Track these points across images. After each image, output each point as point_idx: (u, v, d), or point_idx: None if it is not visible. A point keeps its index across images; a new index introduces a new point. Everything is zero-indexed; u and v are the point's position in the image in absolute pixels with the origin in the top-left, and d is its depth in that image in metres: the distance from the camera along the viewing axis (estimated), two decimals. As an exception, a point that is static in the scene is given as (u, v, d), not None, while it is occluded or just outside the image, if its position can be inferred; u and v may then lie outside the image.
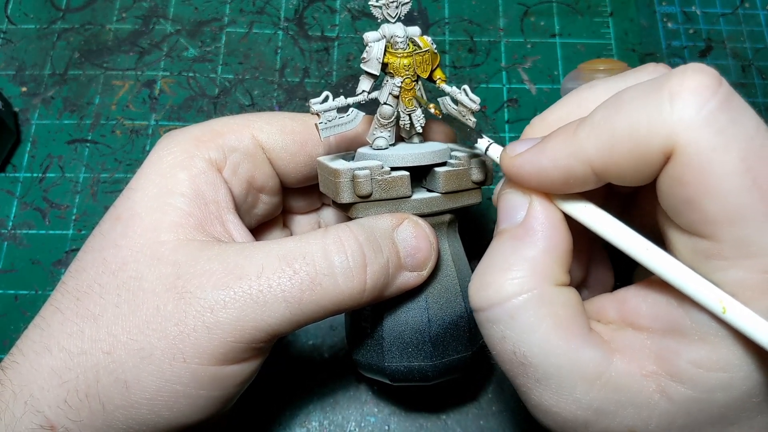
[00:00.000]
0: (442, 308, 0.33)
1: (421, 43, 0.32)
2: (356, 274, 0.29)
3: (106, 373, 0.27)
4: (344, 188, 0.31)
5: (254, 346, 0.28)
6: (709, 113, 0.21)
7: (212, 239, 0.30)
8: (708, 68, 0.22)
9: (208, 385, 0.28)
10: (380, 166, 0.31)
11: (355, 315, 0.34)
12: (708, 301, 0.22)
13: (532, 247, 0.25)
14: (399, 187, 0.31)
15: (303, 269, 0.28)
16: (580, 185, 0.25)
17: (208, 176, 0.31)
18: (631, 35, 0.55)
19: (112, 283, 0.28)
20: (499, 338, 0.25)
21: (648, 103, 0.22)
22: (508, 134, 0.51)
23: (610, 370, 0.24)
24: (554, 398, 0.24)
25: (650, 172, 0.23)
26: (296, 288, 0.28)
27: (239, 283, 0.27)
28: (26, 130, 0.50)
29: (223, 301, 0.27)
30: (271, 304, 0.27)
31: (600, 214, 0.25)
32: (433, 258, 0.31)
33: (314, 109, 0.31)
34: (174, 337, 0.27)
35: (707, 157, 0.21)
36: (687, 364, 0.23)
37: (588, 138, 0.23)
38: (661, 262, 0.23)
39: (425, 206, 0.32)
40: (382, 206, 0.32)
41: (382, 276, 0.30)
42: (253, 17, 0.55)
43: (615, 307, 0.27)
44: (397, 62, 0.32)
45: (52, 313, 0.29)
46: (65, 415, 0.27)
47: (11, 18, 0.55)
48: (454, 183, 0.32)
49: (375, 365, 0.34)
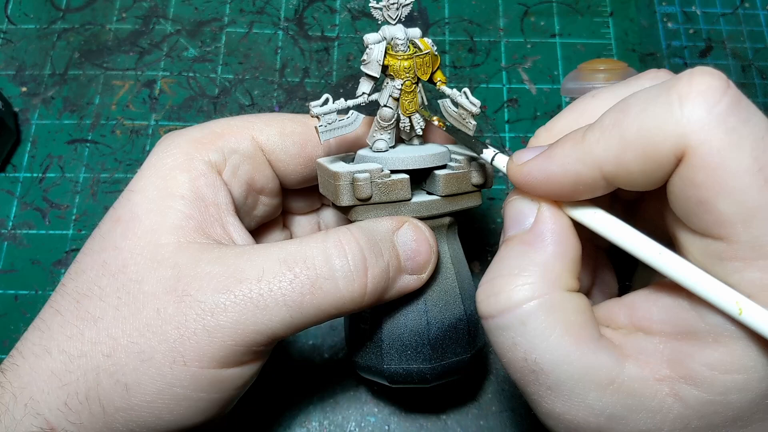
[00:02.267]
0: (441, 311, 0.33)
1: (422, 45, 0.32)
2: (357, 277, 0.29)
3: (106, 376, 0.27)
4: (344, 191, 0.31)
5: (254, 350, 0.28)
6: (719, 114, 0.21)
7: (212, 242, 0.30)
8: (715, 70, 0.22)
9: (208, 388, 0.28)
10: (380, 169, 0.31)
11: (355, 317, 0.34)
12: (724, 303, 0.22)
13: (542, 253, 0.25)
14: (399, 190, 0.31)
15: (304, 273, 0.28)
16: (589, 191, 0.25)
17: (208, 178, 0.31)
18: (631, 35, 0.55)
19: (112, 286, 0.28)
20: (509, 345, 0.25)
21: (657, 106, 0.22)
22: (508, 134, 0.51)
23: (622, 376, 0.24)
24: (566, 405, 0.24)
25: (661, 176, 0.23)
26: (297, 292, 0.28)
27: (240, 287, 0.27)
28: (26, 130, 0.50)
29: (224, 305, 0.27)
30: (272, 307, 0.27)
31: (611, 220, 0.25)
32: (433, 261, 0.31)
33: (314, 112, 0.31)
34: (174, 340, 0.27)
35: (719, 157, 0.21)
36: (701, 366, 0.23)
37: (597, 143, 0.23)
38: (675, 266, 0.23)
39: (425, 209, 0.32)
40: (382, 209, 0.31)
41: (383, 279, 0.30)
42: (253, 17, 0.55)
43: (624, 312, 0.26)
44: (397, 64, 0.32)
45: (52, 315, 0.29)
46: (65, 418, 0.27)
47: (11, 18, 0.55)
48: (454, 186, 0.32)
49: (374, 367, 0.34)
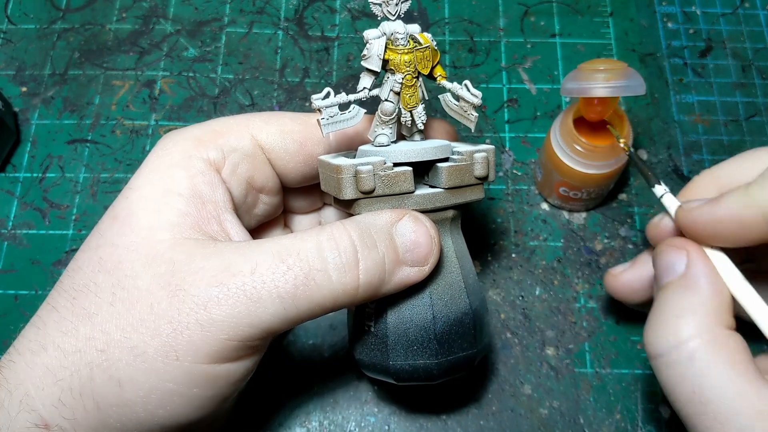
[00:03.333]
0: (446, 305, 0.33)
1: (422, 39, 0.32)
2: (348, 270, 0.29)
3: (100, 372, 0.27)
4: (347, 184, 0.30)
5: (248, 344, 0.28)
6: None
7: (209, 238, 0.30)
8: None
9: (201, 384, 0.28)
10: (383, 162, 0.31)
11: (358, 314, 0.34)
12: None
13: (700, 294, 0.28)
14: (402, 182, 0.31)
15: (297, 265, 0.28)
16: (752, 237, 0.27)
17: (206, 176, 0.31)
18: (631, 35, 0.55)
19: (108, 282, 0.28)
20: (678, 380, 0.27)
21: None
22: (508, 134, 0.51)
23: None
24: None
25: None
26: (290, 284, 0.28)
27: (233, 280, 0.27)
28: (26, 130, 0.50)
29: (217, 298, 0.27)
30: (265, 300, 0.27)
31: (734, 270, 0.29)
32: (435, 253, 0.31)
33: (316, 105, 0.31)
34: (167, 335, 0.27)
35: None
36: None
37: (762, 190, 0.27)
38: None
39: (428, 202, 0.32)
40: (385, 202, 0.31)
41: (377, 272, 0.29)
42: (253, 17, 0.55)
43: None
44: (398, 59, 0.32)
45: (48, 312, 0.29)
46: (59, 414, 0.27)
47: (11, 18, 0.55)
48: (456, 178, 0.32)
49: (379, 364, 0.33)
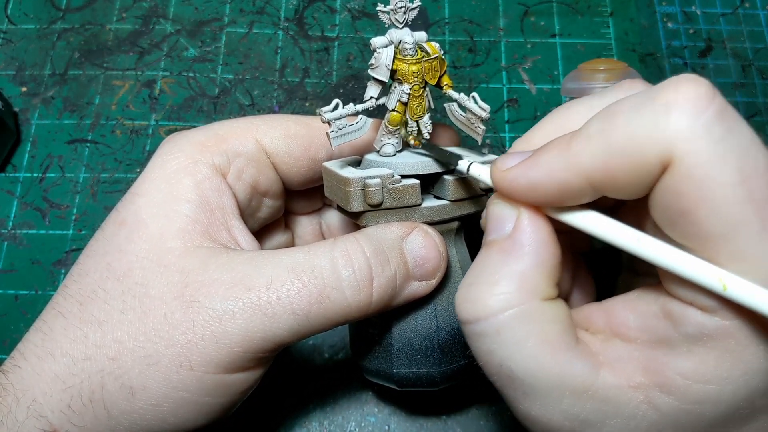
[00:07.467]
0: (450, 315, 0.33)
1: (430, 49, 0.32)
2: (363, 287, 0.29)
3: (112, 379, 0.27)
4: (355, 197, 0.30)
5: (260, 356, 0.28)
6: (705, 123, 0.21)
7: (219, 246, 0.30)
8: (701, 78, 0.22)
9: (213, 392, 0.28)
10: (391, 174, 0.30)
11: (362, 321, 0.34)
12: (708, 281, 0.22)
13: (520, 262, 0.25)
14: (410, 195, 0.31)
15: (312, 282, 0.28)
16: (575, 199, 0.24)
17: (212, 182, 0.31)
18: (631, 35, 0.55)
19: (117, 289, 0.28)
20: (485, 352, 0.25)
21: (643, 114, 0.22)
22: (508, 134, 0.51)
23: (597, 383, 0.24)
24: (541, 410, 0.24)
25: (647, 184, 0.22)
26: (305, 301, 0.28)
27: (248, 294, 0.28)
28: (26, 130, 0.50)
29: (232, 312, 0.27)
30: (280, 315, 0.28)
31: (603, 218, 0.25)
32: (443, 267, 0.31)
33: (325, 118, 0.31)
34: (182, 345, 0.27)
35: (705, 167, 0.21)
36: (675, 375, 0.23)
37: (584, 150, 0.23)
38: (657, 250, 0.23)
39: (435, 214, 0.32)
40: (393, 215, 0.31)
41: (390, 288, 0.30)
42: (253, 17, 0.55)
43: (603, 317, 0.27)
44: (406, 69, 0.31)
45: (54, 317, 0.29)
46: (69, 420, 0.27)
47: (11, 18, 0.54)
48: (463, 191, 0.32)
49: (383, 371, 0.34)
